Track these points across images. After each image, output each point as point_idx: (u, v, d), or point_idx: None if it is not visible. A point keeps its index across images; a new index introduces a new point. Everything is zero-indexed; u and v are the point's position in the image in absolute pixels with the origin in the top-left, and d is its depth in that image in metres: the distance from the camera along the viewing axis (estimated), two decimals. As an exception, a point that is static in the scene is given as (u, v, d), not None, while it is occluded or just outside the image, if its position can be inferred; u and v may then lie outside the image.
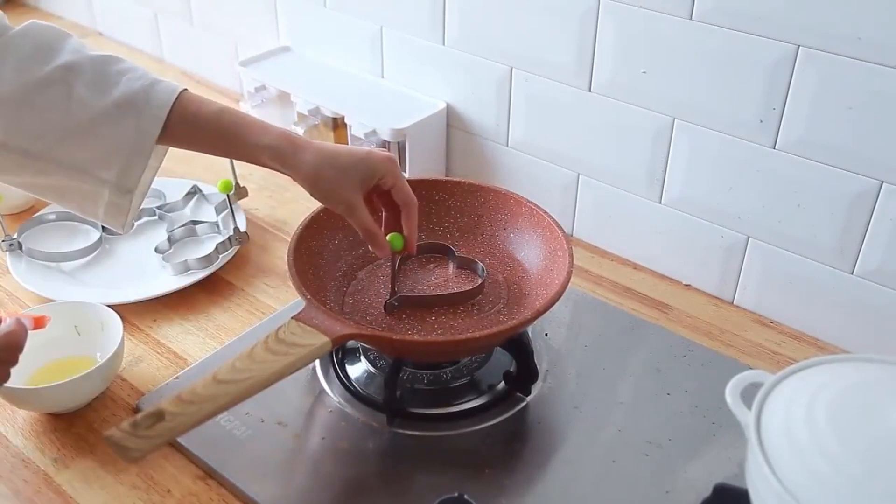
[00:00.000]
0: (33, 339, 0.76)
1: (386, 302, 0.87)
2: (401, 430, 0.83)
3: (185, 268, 1.02)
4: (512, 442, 0.83)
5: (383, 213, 0.86)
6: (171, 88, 0.78)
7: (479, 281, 0.89)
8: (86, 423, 0.84)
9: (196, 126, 0.78)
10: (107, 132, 0.76)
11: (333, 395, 0.87)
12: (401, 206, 0.83)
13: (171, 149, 0.82)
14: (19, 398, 0.82)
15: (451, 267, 0.94)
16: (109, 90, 0.77)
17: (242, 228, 1.07)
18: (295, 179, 0.80)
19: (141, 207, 0.85)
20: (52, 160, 0.76)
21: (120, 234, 1.09)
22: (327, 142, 1.23)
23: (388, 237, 0.82)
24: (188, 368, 0.90)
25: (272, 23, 1.35)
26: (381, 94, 1.22)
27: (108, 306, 0.89)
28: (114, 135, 0.76)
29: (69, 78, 0.76)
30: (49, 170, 0.77)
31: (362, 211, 0.80)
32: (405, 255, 0.88)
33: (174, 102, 0.77)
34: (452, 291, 0.89)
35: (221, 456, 0.79)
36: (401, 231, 0.84)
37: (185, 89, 0.79)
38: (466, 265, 0.93)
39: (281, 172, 0.81)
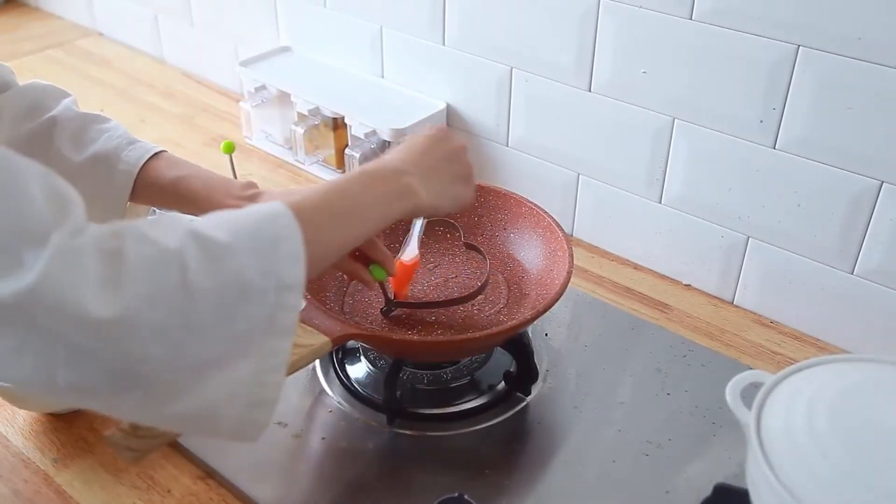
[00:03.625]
0: None
1: (381, 308, 0.87)
2: (401, 430, 0.83)
3: (185, 268, 1.02)
4: (512, 442, 0.83)
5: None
6: (147, 149, 0.81)
7: (484, 276, 0.89)
8: (86, 423, 0.84)
9: (158, 190, 0.81)
10: (81, 186, 0.78)
11: (333, 395, 0.87)
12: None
13: (172, 150, 0.83)
14: (19, 398, 0.82)
15: (455, 255, 0.93)
16: (87, 146, 0.79)
17: (242, 228, 1.07)
18: None
19: None
20: None
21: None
22: (329, 136, 1.23)
23: (369, 268, 0.80)
24: (188, 368, 0.90)
25: (272, 23, 1.35)
26: (381, 94, 1.22)
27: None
28: (88, 188, 0.78)
29: (53, 131, 0.79)
30: None
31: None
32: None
33: (146, 162, 0.80)
34: (450, 297, 0.89)
35: (221, 456, 0.79)
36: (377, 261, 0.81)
37: (162, 151, 0.81)
38: (472, 249, 0.93)
39: None
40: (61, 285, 0.48)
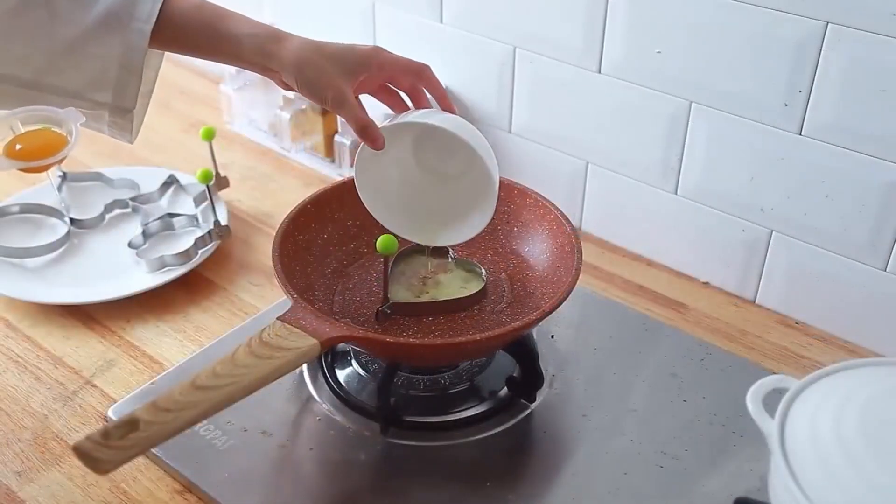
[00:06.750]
0: None
1: (377, 310, 0.87)
2: (395, 440, 0.83)
3: (162, 264, 1.02)
4: (515, 453, 0.83)
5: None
6: None
7: (481, 285, 0.89)
8: (52, 433, 0.84)
9: (182, 27, 0.82)
10: (94, 52, 0.80)
11: (322, 401, 0.87)
12: (416, 79, 0.85)
13: (146, 136, 0.82)
14: None
15: (451, 266, 0.93)
16: (92, 4, 0.80)
17: (223, 222, 1.07)
18: (280, 71, 0.82)
19: (143, 118, 0.88)
20: (46, 87, 0.80)
21: (89, 229, 1.10)
22: (318, 121, 1.23)
23: (378, 240, 0.81)
24: (164, 373, 0.90)
25: (255, -2, 1.34)
26: (374, 76, 1.21)
27: (77, 306, 0.89)
28: (101, 54, 0.80)
29: None
30: (45, 98, 0.81)
31: (353, 102, 0.81)
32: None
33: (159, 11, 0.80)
34: (450, 298, 0.89)
35: (201, 468, 0.79)
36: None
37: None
38: (465, 268, 0.93)
39: (263, 67, 0.83)
40: None
